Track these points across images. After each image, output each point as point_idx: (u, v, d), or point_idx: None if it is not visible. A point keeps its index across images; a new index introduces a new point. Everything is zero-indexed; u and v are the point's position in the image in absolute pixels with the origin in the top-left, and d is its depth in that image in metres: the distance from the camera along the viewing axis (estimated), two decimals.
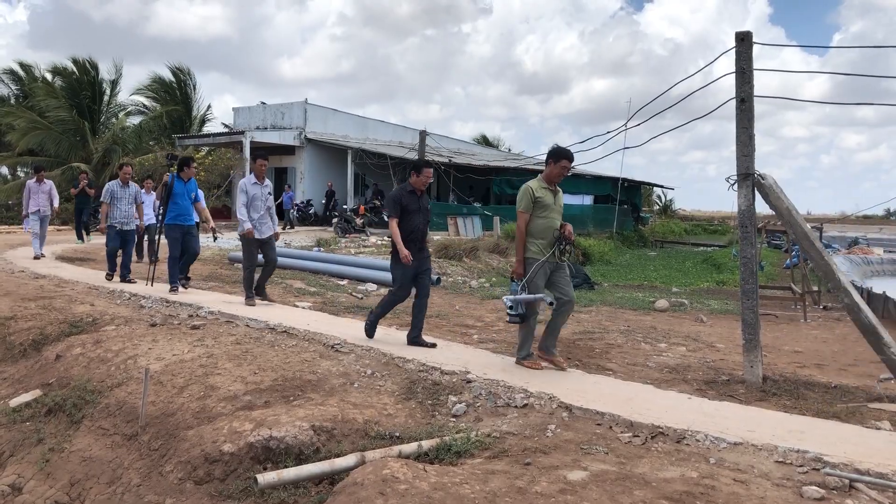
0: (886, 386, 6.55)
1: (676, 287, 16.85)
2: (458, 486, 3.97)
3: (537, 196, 6.56)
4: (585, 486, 4.03)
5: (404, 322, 9.17)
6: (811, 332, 10.54)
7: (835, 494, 4.01)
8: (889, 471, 4.21)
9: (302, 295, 11.39)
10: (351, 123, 33.58)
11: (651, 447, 4.71)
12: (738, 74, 6.57)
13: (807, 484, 4.10)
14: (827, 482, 4.13)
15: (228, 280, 12.96)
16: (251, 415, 5.40)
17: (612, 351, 7.99)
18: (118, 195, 11.61)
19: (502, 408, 5.57)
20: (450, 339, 8.06)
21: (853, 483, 4.12)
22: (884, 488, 4.05)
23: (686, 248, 34.93)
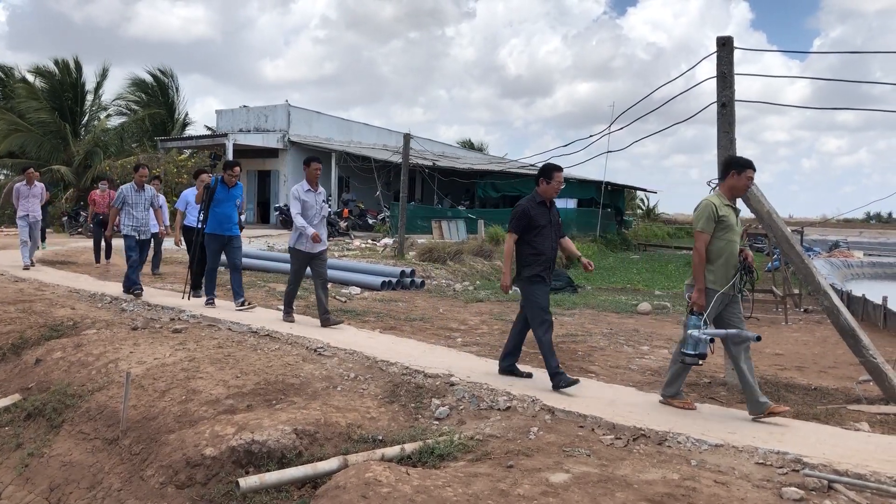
0: (865, 388, 6.62)
1: (659, 290, 16.92)
2: (440, 489, 3.97)
3: (721, 214, 5.58)
4: (567, 489, 4.04)
5: (387, 326, 9.17)
6: (792, 335, 10.63)
7: (814, 495, 4.05)
8: (867, 471, 4.25)
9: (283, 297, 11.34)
10: (335, 126, 33.51)
11: (633, 449, 4.74)
12: (719, 79, 6.63)
13: (786, 485, 4.14)
14: (806, 483, 4.18)
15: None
16: (233, 419, 5.38)
17: (594, 354, 8.02)
18: (132, 200, 10.47)
19: (485, 411, 5.58)
20: (433, 343, 8.05)
21: (832, 484, 4.16)
22: (862, 489, 4.10)
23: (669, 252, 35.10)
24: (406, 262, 17.29)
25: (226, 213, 9.33)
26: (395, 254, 18.82)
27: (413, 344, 7.59)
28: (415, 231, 24.35)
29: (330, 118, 33.72)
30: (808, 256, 17.57)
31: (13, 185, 14.33)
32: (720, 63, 6.62)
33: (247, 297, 9.87)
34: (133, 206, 10.44)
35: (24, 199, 13.81)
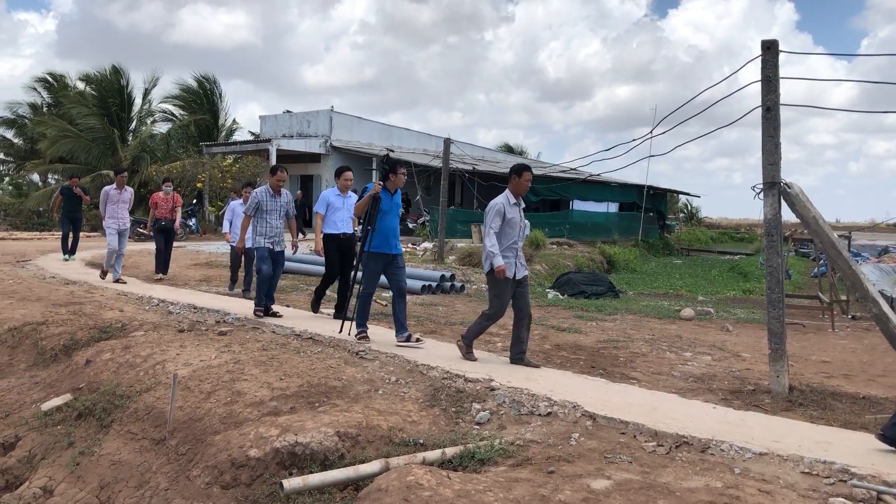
0: None
1: (702, 296, 16.73)
2: (481, 493, 3.99)
3: None
4: (609, 495, 4.03)
5: (427, 330, 9.21)
6: (839, 342, 10.42)
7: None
8: None
9: (327, 302, 11.46)
10: (376, 131, 33.78)
11: (675, 456, 4.70)
12: (763, 83, 6.54)
13: (833, 495, 4.08)
14: (854, 494, 4.10)
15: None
16: (277, 420, 5.46)
17: (636, 360, 7.97)
18: (268, 206, 9.23)
19: (526, 416, 5.58)
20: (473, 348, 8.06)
21: (881, 495, 4.08)
22: None
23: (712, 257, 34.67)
24: (446, 266, 17.34)
25: (391, 227, 7.85)
26: (434, 258, 18.89)
27: (453, 348, 7.61)
28: (454, 235, 24.40)
29: (371, 123, 34.00)
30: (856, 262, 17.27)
31: (102, 189, 13.12)
32: (765, 67, 6.53)
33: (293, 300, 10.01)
34: (268, 213, 9.24)
35: (112, 205, 12.77)
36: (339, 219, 9.08)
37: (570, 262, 23.73)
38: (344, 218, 9.11)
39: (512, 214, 7.01)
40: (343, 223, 9.13)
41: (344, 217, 9.11)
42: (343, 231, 9.16)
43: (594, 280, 16.46)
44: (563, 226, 30.98)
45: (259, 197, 9.27)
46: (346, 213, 9.10)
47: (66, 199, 16.26)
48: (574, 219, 33.41)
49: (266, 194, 9.30)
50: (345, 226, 9.16)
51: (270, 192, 9.32)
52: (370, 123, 33.97)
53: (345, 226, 9.16)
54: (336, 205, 9.11)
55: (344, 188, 9.19)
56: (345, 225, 9.16)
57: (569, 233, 30.83)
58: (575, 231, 31.69)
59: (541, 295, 15.15)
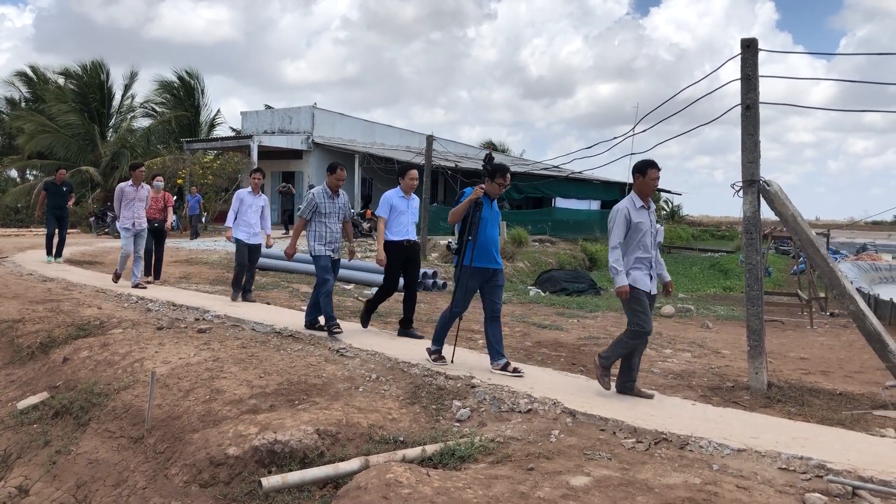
0: (892, 393, 6.54)
1: (683, 293, 16.82)
2: (461, 490, 3.98)
3: None
4: (588, 492, 4.04)
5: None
6: (817, 339, 10.52)
7: (838, 501, 4.02)
8: (893, 478, 4.21)
9: (308, 299, 11.42)
10: (358, 128, 33.67)
11: (654, 453, 4.72)
12: (743, 81, 6.58)
13: (810, 491, 4.11)
14: (830, 489, 4.14)
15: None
16: (256, 418, 5.43)
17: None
18: (326, 209, 8.23)
19: (506, 413, 5.58)
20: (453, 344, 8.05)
21: (856, 490, 4.12)
22: (887, 496, 4.05)
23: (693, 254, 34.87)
24: (428, 263, 17.32)
25: (493, 238, 6.83)
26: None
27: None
28: (437, 232, 24.39)
29: (353, 120, 33.90)
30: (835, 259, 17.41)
31: (117, 187, 11.69)
32: (744, 65, 6.57)
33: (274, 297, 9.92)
34: (327, 217, 8.20)
35: (128, 203, 11.41)
36: (404, 223, 8.12)
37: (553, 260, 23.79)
38: (409, 222, 8.18)
39: (639, 219, 6.03)
40: (408, 228, 8.17)
41: (408, 221, 8.18)
42: (407, 237, 8.14)
43: (576, 277, 16.52)
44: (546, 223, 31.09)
45: (317, 198, 8.23)
46: (411, 217, 8.19)
47: (51, 194, 14.67)
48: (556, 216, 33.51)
49: (324, 195, 8.28)
50: (410, 231, 8.18)
51: (328, 193, 8.30)
52: (352, 120, 33.86)
53: (410, 231, 8.18)
54: (400, 207, 8.09)
55: (408, 189, 8.18)
56: (410, 230, 8.19)
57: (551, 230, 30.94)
58: (557, 228, 31.79)
59: (522, 292, 15.18)
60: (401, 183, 8.19)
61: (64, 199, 14.78)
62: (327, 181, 8.36)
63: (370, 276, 13.83)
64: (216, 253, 17.58)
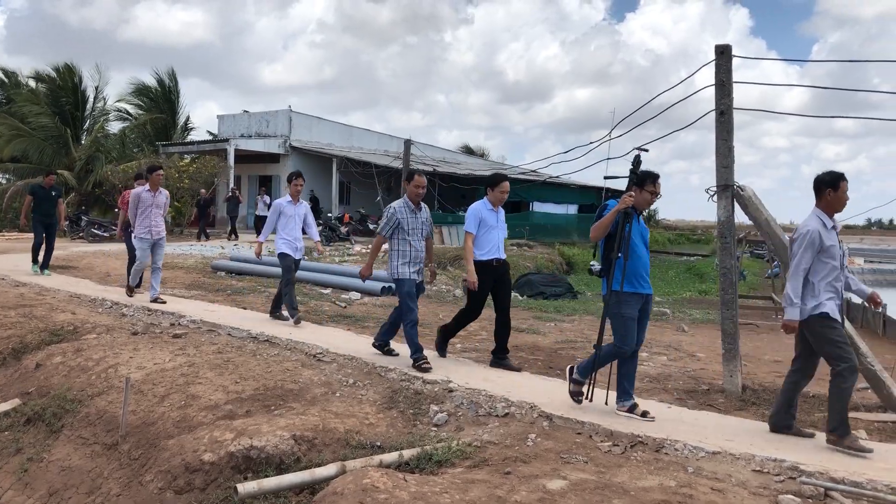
0: (863, 395, 6.63)
1: (659, 296, 16.93)
2: (437, 495, 3.99)
3: None
4: (564, 495, 4.05)
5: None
6: (791, 342, 10.61)
7: (810, 502, 4.06)
8: (863, 479, 4.27)
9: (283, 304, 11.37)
10: (336, 132, 33.60)
11: (630, 456, 4.75)
12: (717, 87, 6.66)
13: (783, 493, 4.16)
14: (803, 491, 4.19)
15: (211, 288, 12.91)
16: (232, 424, 5.40)
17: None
18: (409, 224, 7.12)
19: (483, 417, 5.59)
20: (431, 349, 8.06)
21: (828, 491, 4.17)
22: (858, 496, 4.11)
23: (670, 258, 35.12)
24: None
25: (644, 259, 5.91)
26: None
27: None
28: None
29: (330, 123, 33.83)
30: None
31: (132, 192, 10.61)
32: (718, 71, 6.65)
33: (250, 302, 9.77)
34: (410, 234, 7.11)
35: (144, 210, 10.28)
36: (494, 240, 7.21)
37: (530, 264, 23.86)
38: (499, 239, 7.28)
39: (830, 242, 5.20)
40: (498, 245, 7.26)
41: (499, 238, 7.28)
42: (498, 256, 7.24)
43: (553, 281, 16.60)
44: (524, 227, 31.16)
45: (398, 213, 7.08)
46: (501, 234, 7.32)
47: (39, 200, 13.29)
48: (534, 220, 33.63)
49: (405, 209, 7.12)
50: (500, 249, 7.28)
51: (410, 206, 7.15)
52: (330, 123, 33.78)
53: (500, 249, 7.28)
54: (490, 222, 7.19)
55: (499, 202, 7.28)
56: (500, 247, 7.29)
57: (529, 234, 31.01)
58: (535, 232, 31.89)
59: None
60: (489, 195, 7.25)
61: (53, 205, 13.46)
62: (408, 191, 7.22)
63: (347, 281, 13.78)
64: (191, 257, 17.45)
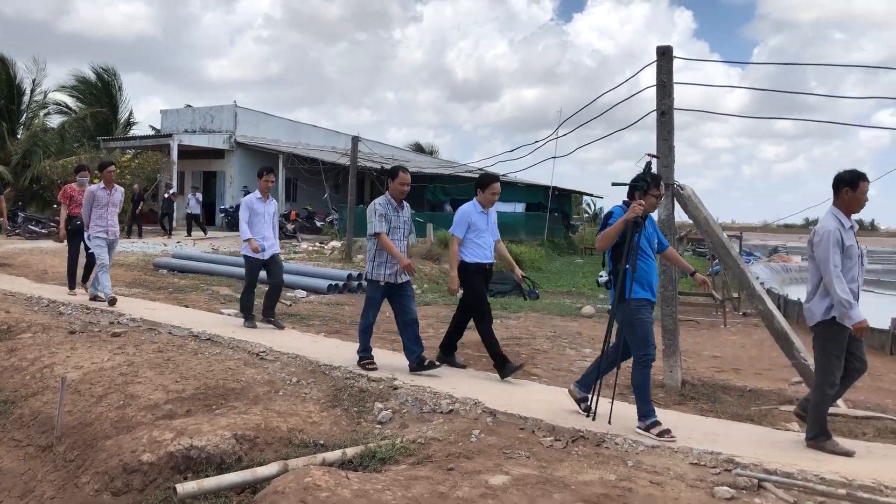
0: (797, 389, 6.84)
1: (603, 293, 17.16)
2: (380, 492, 3.98)
3: None
4: (506, 490, 4.09)
5: (332, 330, 9.12)
6: (730, 338, 10.90)
7: (744, 494, 4.17)
8: (795, 470, 4.39)
9: (229, 302, 11.21)
10: (283, 128, 33.20)
11: (572, 451, 4.81)
12: (658, 88, 6.78)
13: (719, 485, 4.25)
14: (738, 482, 4.29)
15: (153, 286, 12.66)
16: (172, 424, 5.31)
17: (538, 356, 8.11)
18: (392, 222, 6.81)
19: (428, 414, 5.60)
20: (378, 346, 8.03)
21: (762, 483, 4.29)
22: (789, 487, 4.23)
23: None
24: (354, 265, 17.22)
25: (653, 268, 5.55)
26: (342, 257, 18.73)
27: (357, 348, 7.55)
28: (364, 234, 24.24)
29: (277, 119, 33.42)
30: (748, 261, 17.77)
31: (87, 190, 10.10)
32: (659, 72, 6.76)
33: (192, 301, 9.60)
34: (391, 232, 6.77)
35: (99, 209, 9.87)
36: (485, 243, 6.88)
37: None
38: (490, 242, 6.95)
39: (850, 242, 5.02)
40: (489, 248, 6.93)
41: (490, 241, 6.95)
42: (490, 260, 6.95)
43: (500, 279, 16.66)
44: None
45: (383, 209, 6.74)
46: (491, 237, 6.97)
47: None
48: None
49: (389, 207, 6.77)
50: (490, 252, 6.96)
51: (393, 204, 6.80)
52: (277, 119, 33.36)
53: (490, 252, 6.96)
54: (480, 225, 6.84)
55: (489, 203, 6.94)
56: (490, 251, 6.96)
57: None
58: None
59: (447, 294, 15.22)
60: (479, 196, 6.92)
61: None
62: (390, 189, 6.86)
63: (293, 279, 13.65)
64: (133, 255, 17.08)
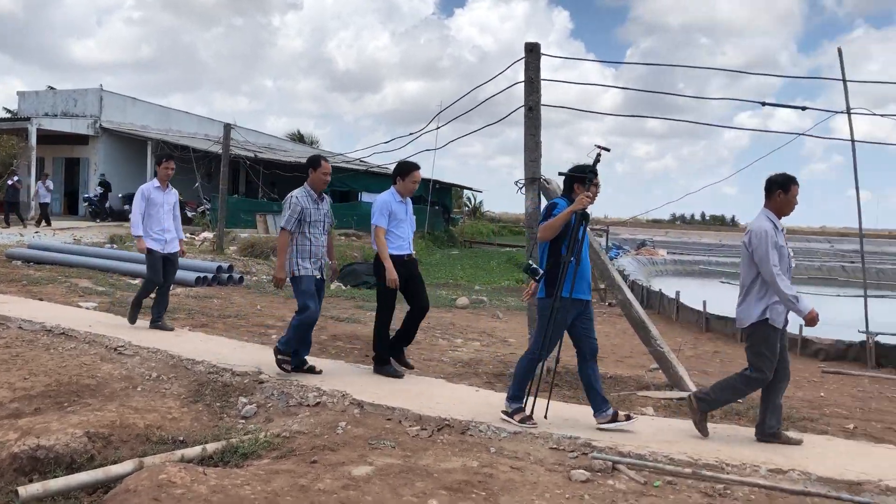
0: (654, 375, 7.17)
1: (479, 285, 17.46)
2: (238, 487, 3.89)
3: None
4: (369, 481, 4.08)
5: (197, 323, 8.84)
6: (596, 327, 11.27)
7: (599, 476, 4.34)
8: (647, 452, 4.62)
9: (88, 294, 10.66)
10: (152, 113, 31.85)
11: (437, 439, 4.86)
12: (526, 84, 6.92)
13: (576, 468, 4.41)
14: (593, 465, 4.46)
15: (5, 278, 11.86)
16: (17, 423, 5.01)
17: (410, 347, 8.13)
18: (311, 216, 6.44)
19: (294, 407, 5.52)
20: (246, 340, 7.87)
21: (616, 465, 4.47)
22: (641, 468, 4.43)
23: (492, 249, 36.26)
24: (225, 257, 16.76)
25: (588, 264, 5.66)
26: (213, 248, 18.18)
27: (223, 342, 7.38)
28: (238, 225, 23.63)
29: (146, 105, 32.03)
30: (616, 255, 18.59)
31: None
32: (528, 68, 6.90)
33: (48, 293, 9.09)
34: (311, 226, 6.43)
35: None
36: (405, 234, 6.65)
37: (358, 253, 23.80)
38: (410, 232, 6.74)
39: (781, 242, 5.14)
40: (409, 240, 6.72)
41: (409, 231, 6.74)
42: (410, 251, 6.70)
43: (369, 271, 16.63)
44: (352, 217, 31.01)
45: (301, 202, 6.37)
46: (411, 227, 6.79)
47: None
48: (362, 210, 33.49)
49: (308, 199, 6.41)
50: (411, 244, 6.75)
51: (313, 196, 6.46)
52: (146, 105, 31.96)
53: (411, 244, 6.75)
54: (400, 214, 6.60)
55: (409, 192, 6.74)
56: (411, 243, 6.75)
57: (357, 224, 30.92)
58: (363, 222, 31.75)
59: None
60: (399, 184, 6.69)
61: None
62: (311, 179, 6.49)
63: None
64: None
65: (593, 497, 4.02)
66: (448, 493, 3.97)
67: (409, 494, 3.93)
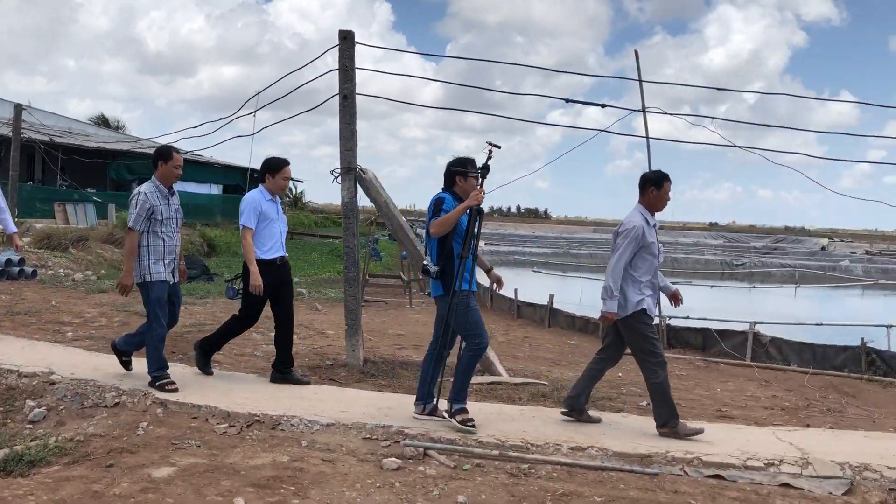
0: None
1: (298, 277, 17.14)
2: (21, 498, 3.58)
3: None
4: (171, 483, 3.89)
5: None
6: (414, 317, 11.47)
7: (411, 462, 4.39)
8: (457, 436, 4.72)
9: None
10: None
11: (246, 436, 4.72)
12: (341, 72, 6.86)
13: (388, 456, 4.43)
14: (405, 453, 4.51)
15: None
16: None
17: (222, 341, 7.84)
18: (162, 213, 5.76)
19: (90, 409, 5.16)
20: (37, 338, 7.26)
21: (427, 451, 4.55)
22: (451, 452, 4.53)
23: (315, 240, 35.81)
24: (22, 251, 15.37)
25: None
26: (2, 240, 16.62)
27: (10, 341, 6.75)
28: (33, 215, 21.76)
29: None
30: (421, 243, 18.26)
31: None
32: (342, 56, 6.84)
33: None
34: (163, 224, 5.77)
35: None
36: (276, 235, 6.11)
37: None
38: (281, 233, 6.20)
39: (652, 238, 5.28)
40: (281, 241, 6.18)
41: (281, 232, 6.19)
42: (282, 254, 6.17)
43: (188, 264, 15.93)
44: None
45: (150, 199, 5.65)
46: (283, 227, 6.23)
47: None
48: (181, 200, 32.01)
49: (158, 195, 5.72)
50: (283, 245, 6.20)
51: (163, 191, 5.77)
52: None
53: (283, 245, 6.20)
54: (270, 214, 6.05)
55: (279, 190, 6.24)
56: (283, 244, 6.20)
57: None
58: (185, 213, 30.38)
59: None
60: (269, 182, 6.12)
61: None
62: (160, 173, 5.78)
63: None
64: None
65: (404, 484, 4.06)
66: (255, 490, 3.85)
67: (214, 494, 3.78)
